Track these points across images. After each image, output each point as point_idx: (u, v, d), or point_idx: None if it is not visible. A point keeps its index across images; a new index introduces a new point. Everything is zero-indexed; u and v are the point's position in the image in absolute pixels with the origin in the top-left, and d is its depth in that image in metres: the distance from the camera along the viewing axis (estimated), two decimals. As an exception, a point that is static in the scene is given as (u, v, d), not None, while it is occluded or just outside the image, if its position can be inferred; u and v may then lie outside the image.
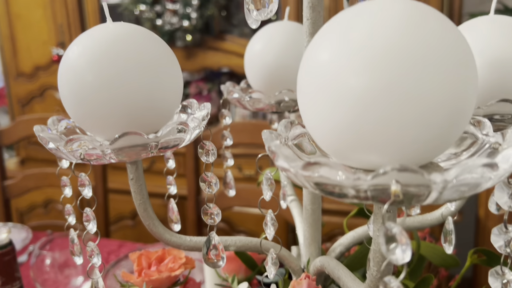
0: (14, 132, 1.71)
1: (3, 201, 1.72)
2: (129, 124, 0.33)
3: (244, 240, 0.40)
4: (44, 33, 2.42)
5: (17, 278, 0.64)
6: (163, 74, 0.34)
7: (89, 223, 0.31)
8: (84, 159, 0.31)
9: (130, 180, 0.37)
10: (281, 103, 0.48)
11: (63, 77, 0.34)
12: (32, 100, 2.55)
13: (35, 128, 0.34)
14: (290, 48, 0.49)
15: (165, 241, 0.39)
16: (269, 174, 0.29)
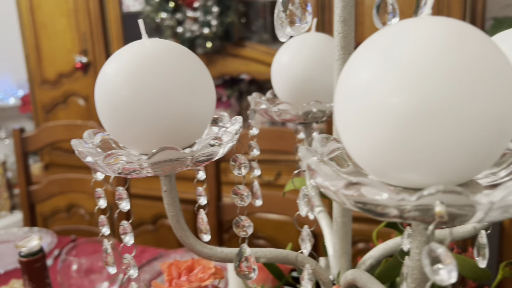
0: (39, 139, 1.75)
1: (28, 206, 1.76)
2: (164, 138, 0.34)
3: (275, 252, 0.40)
4: (68, 42, 2.47)
5: (48, 284, 0.65)
6: (197, 89, 0.35)
7: (126, 236, 0.32)
8: (122, 173, 0.32)
9: (163, 192, 0.38)
10: (309, 114, 0.48)
11: (100, 92, 0.35)
12: (56, 106, 2.60)
13: (72, 142, 0.35)
14: (318, 60, 0.49)
15: (197, 252, 0.39)
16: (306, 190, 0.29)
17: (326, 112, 0.48)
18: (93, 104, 2.37)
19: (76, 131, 1.74)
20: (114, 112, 0.34)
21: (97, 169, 0.33)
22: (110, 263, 0.40)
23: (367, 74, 0.24)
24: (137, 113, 0.33)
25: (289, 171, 2.15)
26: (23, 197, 1.76)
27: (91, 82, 2.48)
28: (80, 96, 2.53)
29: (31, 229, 1.56)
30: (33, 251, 0.63)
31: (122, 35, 2.40)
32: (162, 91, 0.33)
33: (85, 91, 2.50)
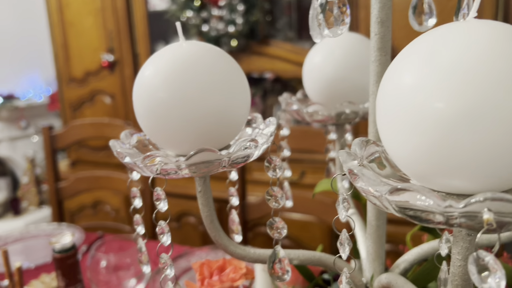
0: (67, 136, 1.79)
1: (56, 202, 1.80)
2: (200, 139, 0.34)
3: (308, 254, 0.40)
4: (95, 40, 2.51)
5: (79, 280, 0.67)
6: (233, 91, 0.35)
7: (164, 235, 0.33)
8: (160, 174, 0.32)
9: (198, 192, 0.38)
10: (342, 115, 0.48)
11: (137, 94, 0.35)
12: (83, 104, 2.65)
13: (110, 142, 0.36)
14: (351, 60, 0.49)
15: (230, 253, 0.39)
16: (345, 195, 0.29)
17: (359, 113, 0.48)
18: (119, 102, 2.41)
19: (103, 129, 1.78)
20: (151, 113, 0.34)
21: (135, 169, 0.33)
22: (145, 262, 0.40)
23: (411, 79, 0.24)
24: (174, 114, 0.33)
25: (314, 170, 2.14)
26: (52, 193, 1.80)
27: (117, 80, 2.52)
28: (106, 94, 2.58)
29: (60, 225, 1.60)
30: (66, 248, 0.65)
31: (148, 33, 2.43)
32: (199, 93, 0.33)
33: (111, 89, 2.55)
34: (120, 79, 2.52)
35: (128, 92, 2.52)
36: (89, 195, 2.55)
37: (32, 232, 1.56)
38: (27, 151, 3.13)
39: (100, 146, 2.65)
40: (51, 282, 1.09)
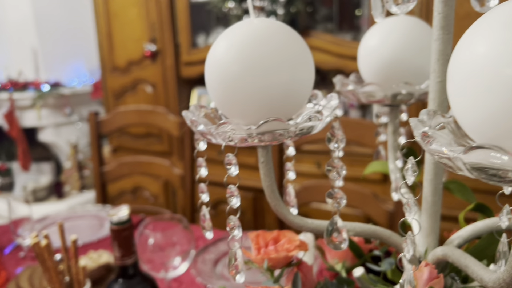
0: (112, 123, 1.86)
1: (100, 185, 1.88)
2: (267, 110, 0.36)
3: (363, 227, 0.42)
4: (138, 30, 2.58)
5: (133, 252, 0.71)
6: (300, 65, 0.37)
7: (233, 198, 0.35)
8: (232, 141, 0.35)
9: (260, 163, 0.40)
10: (397, 96, 0.49)
11: (210, 68, 0.38)
12: (125, 93, 2.73)
13: (184, 113, 0.39)
14: (408, 43, 0.50)
15: (289, 222, 0.42)
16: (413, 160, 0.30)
17: (415, 95, 0.49)
18: (160, 91, 2.47)
19: (146, 116, 1.83)
20: (223, 86, 0.37)
21: (208, 137, 0.36)
22: (208, 228, 0.43)
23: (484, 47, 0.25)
24: (245, 86, 0.36)
25: (349, 163, 2.14)
26: (96, 177, 1.88)
27: (158, 69, 2.59)
28: (148, 83, 2.65)
29: (104, 206, 1.67)
30: (123, 220, 0.68)
31: (189, 24, 2.47)
32: (269, 67, 0.35)
33: (153, 78, 2.61)
34: (162, 69, 2.58)
35: (169, 82, 2.58)
36: (129, 181, 2.64)
37: (79, 213, 1.64)
38: (70, 137, 3.26)
39: (140, 134, 2.73)
40: (98, 258, 1.14)
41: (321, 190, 1.47)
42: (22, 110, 3.18)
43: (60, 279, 0.87)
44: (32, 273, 1.13)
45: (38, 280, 1.10)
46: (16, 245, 1.37)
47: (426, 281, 0.37)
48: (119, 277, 0.71)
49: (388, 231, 0.42)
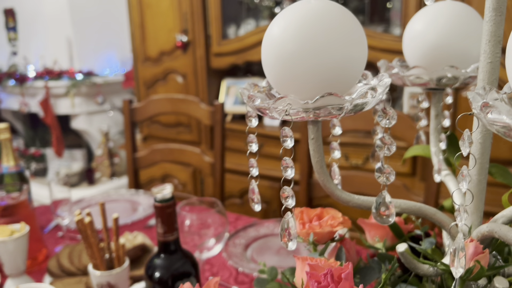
0: (145, 110, 1.90)
1: (133, 171, 1.93)
2: (322, 87, 0.38)
3: (409, 203, 0.43)
4: (170, 21, 2.62)
5: (176, 229, 0.74)
6: (354, 44, 0.38)
7: (288, 169, 0.37)
8: (289, 115, 0.36)
9: (310, 140, 0.42)
10: (442, 80, 0.50)
11: (267, 47, 0.40)
12: (156, 83, 2.79)
13: (240, 89, 0.41)
14: (455, 27, 0.50)
15: (336, 197, 0.43)
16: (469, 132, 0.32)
17: (460, 78, 0.50)
18: (190, 82, 2.51)
19: (178, 104, 1.87)
20: (280, 64, 0.38)
21: (264, 112, 0.38)
22: (256, 201, 0.45)
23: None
24: (301, 64, 0.37)
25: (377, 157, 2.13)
26: (129, 163, 1.93)
27: (189, 60, 2.62)
28: (179, 74, 2.69)
29: (137, 191, 1.72)
30: (166, 198, 0.72)
31: (220, 16, 2.50)
32: (324, 45, 0.37)
33: (184, 69, 2.65)
34: (192, 60, 2.62)
35: (199, 72, 2.62)
36: (159, 168, 2.70)
37: (113, 197, 1.69)
38: (102, 126, 3.35)
39: (170, 123, 2.78)
40: (133, 240, 1.19)
41: (350, 181, 1.48)
42: (57, 98, 3.28)
43: (101, 255, 0.91)
44: (71, 250, 1.18)
45: (77, 258, 1.15)
46: (55, 224, 1.44)
47: (472, 255, 0.38)
48: (161, 253, 0.74)
49: (433, 208, 0.43)
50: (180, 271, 0.73)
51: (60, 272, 1.12)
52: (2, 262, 1.05)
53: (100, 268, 0.90)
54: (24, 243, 1.07)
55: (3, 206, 1.17)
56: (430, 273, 0.44)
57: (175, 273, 0.73)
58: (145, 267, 0.74)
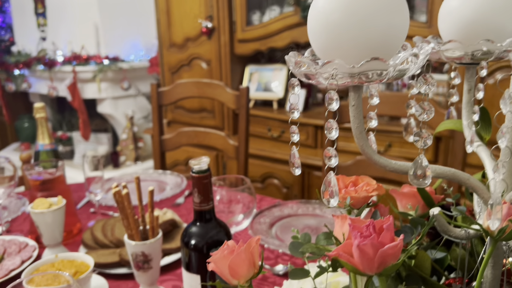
0: (172, 94, 1.94)
1: (160, 153, 1.98)
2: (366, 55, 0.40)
3: (443, 169, 0.46)
4: (195, 7, 2.65)
5: (211, 199, 0.77)
6: (396, 12, 0.41)
7: (333, 131, 0.40)
8: (335, 79, 0.39)
9: (351, 106, 0.45)
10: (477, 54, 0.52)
11: (313, 16, 0.42)
12: (181, 68, 2.83)
13: (286, 57, 0.43)
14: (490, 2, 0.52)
15: (374, 162, 0.46)
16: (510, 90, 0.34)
17: (495, 52, 0.51)
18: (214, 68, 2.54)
19: (205, 88, 1.91)
20: (326, 33, 0.41)
21: (312, 77, 0.41)
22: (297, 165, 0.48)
23: None
24: (346, 33, 0.40)
25: (400, 143, 2.14)
26: (156, 145, 1.98)
27: (214, 46, 2.66)
28: (203, 60, 2.72)
29: (164, 172, 1.77)
30: (203, 169, 0.75)
31: (245, 2, 2.52)
32: (368, 13, 0.40)
33: (208, 55, 2.69)
34: (217, 46, 2.65)
35: (223, 58, 2.65)
36: (183, 152, 2.75)
37: (141, 177, 1.74)
38: (127, 110, 3.41)
39: (194, 108, 2.83)
40: (163, 216, 1.23)
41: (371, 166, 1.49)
42: (84, 82, 3.35)
43: (137, 226, 0.95)
44: (104, 224, 1.23)
45: (110, 231, 1.21)
46: (87, 201, 1.50)
47: (505, 216, 0.40)
48: (197, 221, 0.78)
49: (467, 174, 0.46)
50: (215, 239, 0.77)
51: (94, 244, 1.17)
52: (41, 233, 1.11)
53: (135, 238, 0.94)
54: (61, 215, 1.12)
55: (41, 181, 1.22)
56: (461, 236, 0.46)
57: (210, 241, 0.76)
58: (181, 235, 0.78)
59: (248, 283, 0.49)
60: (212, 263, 0.49)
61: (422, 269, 0.48)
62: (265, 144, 2.55)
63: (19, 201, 1.47)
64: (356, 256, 0.36)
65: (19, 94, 4.03)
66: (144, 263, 0.94)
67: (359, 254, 0.35)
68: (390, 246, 0.35)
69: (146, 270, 0.95)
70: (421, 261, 0.48)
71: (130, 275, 1.04)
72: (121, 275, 1.06)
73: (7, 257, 1.11)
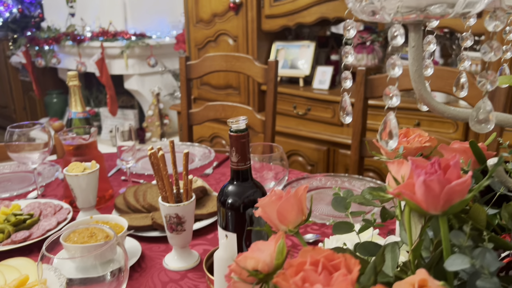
0: (200, 68, 1.93)
1: (187, 126, 1.98)
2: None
3: (505, 115, 0.44)
4: (223, -18, 2.62)
5: (248, 159, 0.76)
6: None
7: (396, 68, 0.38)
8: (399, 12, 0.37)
9: (411, 48, 0.43)
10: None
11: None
12: (207, 44, 2.81)
13: (344, -6, 0.42)
14: None
15: (431, 107, 0.44)
16: None
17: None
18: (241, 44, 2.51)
19: (233, 62, 1.89)
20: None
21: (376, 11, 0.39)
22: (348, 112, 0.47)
23: None
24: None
25: (429, 122, 2.09)
26: (183, 118, 1.99)
27: (240, 23, 2.63)
28: (230, 36, 2.70)
29: (192, 144, 1.77)
30: (241, 129, 0.74)
31: (274, -24, 2.47)
32: None
33: (235, 31, 2.66)
34: (244, 22, 2.62)
35: (250, 35, 2.62)
36: (208, 129, 2.76)
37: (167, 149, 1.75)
38: (153, 87, 3.43)
39: (220, 85, 2.82)
40: (194, 183, 1.23)
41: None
42: (111, 58, 3.38)
43: (171, 188, 0.96)
44: (136, 190, 1.25)
45: (142, 197, 1.22)
46: (118, 169, 1.52)
47: None
48: (234, 181, 0.77)
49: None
50: (251, 199, 0.76)
51: (126, 208, 1.19)
52: (75, 196, 1.13)
53: (169, 200, 0.95)
54: (95, 179, 1.14)
55: (74, 146, 1.24)
56: (520, 188, 0.44)
57: (246, 201, 0.76)
58: (218, 194, 0.78)
59: (296, 229, 0.48)
60: (260, 208, 0.48)
61: (478, 221, 0.46)
62: (291, 122, 2.54)
63: (52, 168, 1.50)
64: (419, 193, 0.34)
65: (48, 70, 4.10)
66: (178, 225, 0.95)
67: (424, 191, 0.34)
68: (458, 182, 0.33)
69: (179, 232, 0.95)
70: (476, 213, 0.46)
71: (162, 238, 1.05)
72: (153, 238, 1.07)
73: (43, 218, 1.14)
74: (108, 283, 0.65)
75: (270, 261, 0.36)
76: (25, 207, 1.18)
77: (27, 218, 1.11)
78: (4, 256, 0.97)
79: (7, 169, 1.52)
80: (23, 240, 1.03)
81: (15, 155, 1.24)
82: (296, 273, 0.31)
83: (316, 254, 0.32)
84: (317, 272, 0.30)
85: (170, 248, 1.01)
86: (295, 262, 0.32)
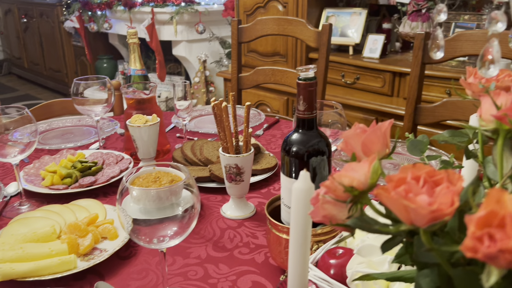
0: (252, 31, 1.92)
1: (237, 90, 2.00)
2: None
3: None
4: None
5: (315, 108, 0.77)
6: None
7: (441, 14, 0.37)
8: None
9: None
10: None
11: None
12: (256, 10, 2.80)
13: None
14: None
15: None
16: None
17: None
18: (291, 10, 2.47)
19: (286, 25, 1.87)
20: None
21: None
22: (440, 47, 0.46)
23: None
24: None
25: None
26: (234, 82, 2.00)
27: (291, -12, 2.59)
28: (279, 1, 2.67)
29: (242, 106, 1.79)
30: (309, 77, 0.75)
31: None
32: None
33: (285, -4, 2.63)
34: (295, -13, 2.58)
35: (300, 1, 2.58)
36: (254, 96, 2.77)
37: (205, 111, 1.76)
38: (200, 54, 3.46)
39: (268, 52, 2.81)
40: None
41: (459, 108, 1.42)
42: (161, 24, 3.42)
43: (231, 139, 0.98)
44: (193, 145, 1.28)
45: (199, 151, 1.25)
46: (173, 126, 1.56)
47: None
48: (299, 129, 0.78)
49: None
50: (316, 148, 0.77)
51: (184, 161, 1.23)
52: (137, 147, 1.18)
53: (230, 151, 0.98)
54: (155, 132, 1.18)
55: (135, 99, 1.28)
56: None
57: (310, 150, 0.77)
58: (282, 143, 0.80)
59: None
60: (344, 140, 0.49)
61: None
62: (338, 91, 2.51)
63: (111, 123, 1.56)
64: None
65: (100, 35, 4.20)
66: (237, 176, 0.97)
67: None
68: None
69: (238, 182, 0.98)
70: None
71: (219, 189, 1.09)
72: (211, 188, 1.10)
73: (106, 167, 1.20)
74: (179, 220, 0.68)
75: (365, 180, 0.37)
76: (89, 156, 1.24)
77: (92, 165, 1.17)
78: (73, 198, 1.03)
79: (69, 123, 1.59)
80: (90, 185, 1.10)
81: (80, 107, 1.30)
82: (397, 187, 0.32)
83: (417, 170, 0.33)
84: (419, 185, 0.31)
85: (226, 199, 1.04)
86: (394, 177, 0.33)
